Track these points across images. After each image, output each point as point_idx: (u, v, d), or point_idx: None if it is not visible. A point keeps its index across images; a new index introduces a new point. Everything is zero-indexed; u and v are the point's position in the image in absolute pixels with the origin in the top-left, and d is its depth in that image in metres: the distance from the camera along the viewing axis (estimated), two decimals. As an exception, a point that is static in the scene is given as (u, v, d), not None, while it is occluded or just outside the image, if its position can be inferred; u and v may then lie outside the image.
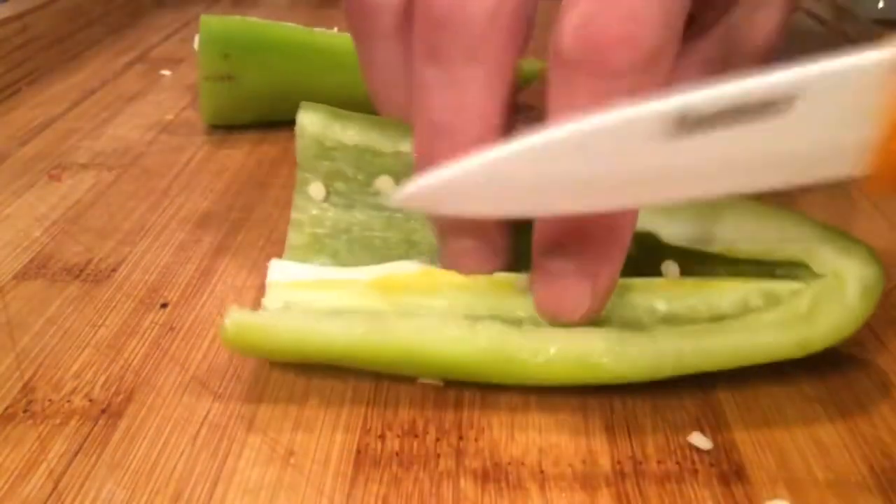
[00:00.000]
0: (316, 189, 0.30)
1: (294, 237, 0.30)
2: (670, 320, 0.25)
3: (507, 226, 0.26)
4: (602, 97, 0.22)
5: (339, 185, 0.30)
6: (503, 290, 0.26)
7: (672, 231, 0.26)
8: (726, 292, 0.25)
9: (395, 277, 0.27)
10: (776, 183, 0.21)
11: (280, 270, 0.28)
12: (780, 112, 0.19)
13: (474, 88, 0.24)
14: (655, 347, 0.24)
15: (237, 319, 0.24)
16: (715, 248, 0.26)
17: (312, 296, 0.27)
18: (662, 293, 0.26)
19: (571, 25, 0.22)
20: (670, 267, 0.27)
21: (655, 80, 0.22)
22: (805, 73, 0.19)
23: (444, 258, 0.27)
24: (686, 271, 0.27)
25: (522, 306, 0.26)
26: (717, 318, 0.25)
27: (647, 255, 0.27)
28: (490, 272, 0.26)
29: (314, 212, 0.30)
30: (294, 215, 0.30)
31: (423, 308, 0.26)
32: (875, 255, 0.24)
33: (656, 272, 0.27)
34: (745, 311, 0.25)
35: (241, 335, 0.24)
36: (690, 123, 0.19)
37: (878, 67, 0.19)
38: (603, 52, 0.22)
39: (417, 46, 0.24)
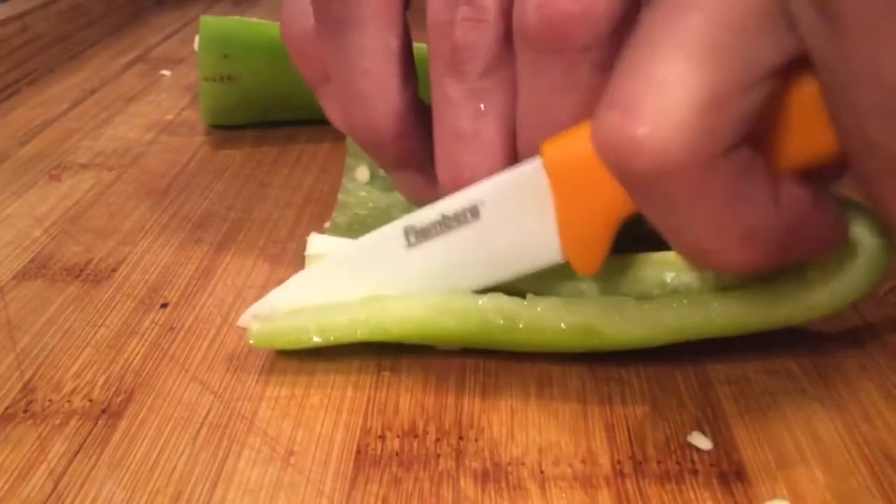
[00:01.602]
0: (362, 172, 0.32)
1: (338, 216, 0.32)
2: (679, 292, 0.26)
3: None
4: (571, 72, 0.23)
5: (382, 171, 0.31)
6: None
7: None
8: None
9: None
10: (499, 276, 0.26)
11: (319, 244, 0.29)
12: (474, 219, 0.25)
13: (493, 97, 0.25)
14: (654, 315, 0.25)
15: (259, 327, 0.27)
16: None
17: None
18: (671, 266, 0.26)
19: (532, 4, 0.23)
20: None
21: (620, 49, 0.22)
22: (484, 186, 0.25)
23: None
24: None
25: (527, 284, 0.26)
26: (725, 288, 0.26)
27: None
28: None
29: (361, 193, 0.32)
30: (341, 197, 0.32)
31: None
32: (881, 225, 0.25)
33: (666, 246, 0.27)
34: (752, 280, 0.25)
35: (266, 337, 0.27)
36: (417, 235, 0.26)
37: (537, 172, 0.23)
38: (565, 30, 0.22)
39: (438, 64, 0.25)
